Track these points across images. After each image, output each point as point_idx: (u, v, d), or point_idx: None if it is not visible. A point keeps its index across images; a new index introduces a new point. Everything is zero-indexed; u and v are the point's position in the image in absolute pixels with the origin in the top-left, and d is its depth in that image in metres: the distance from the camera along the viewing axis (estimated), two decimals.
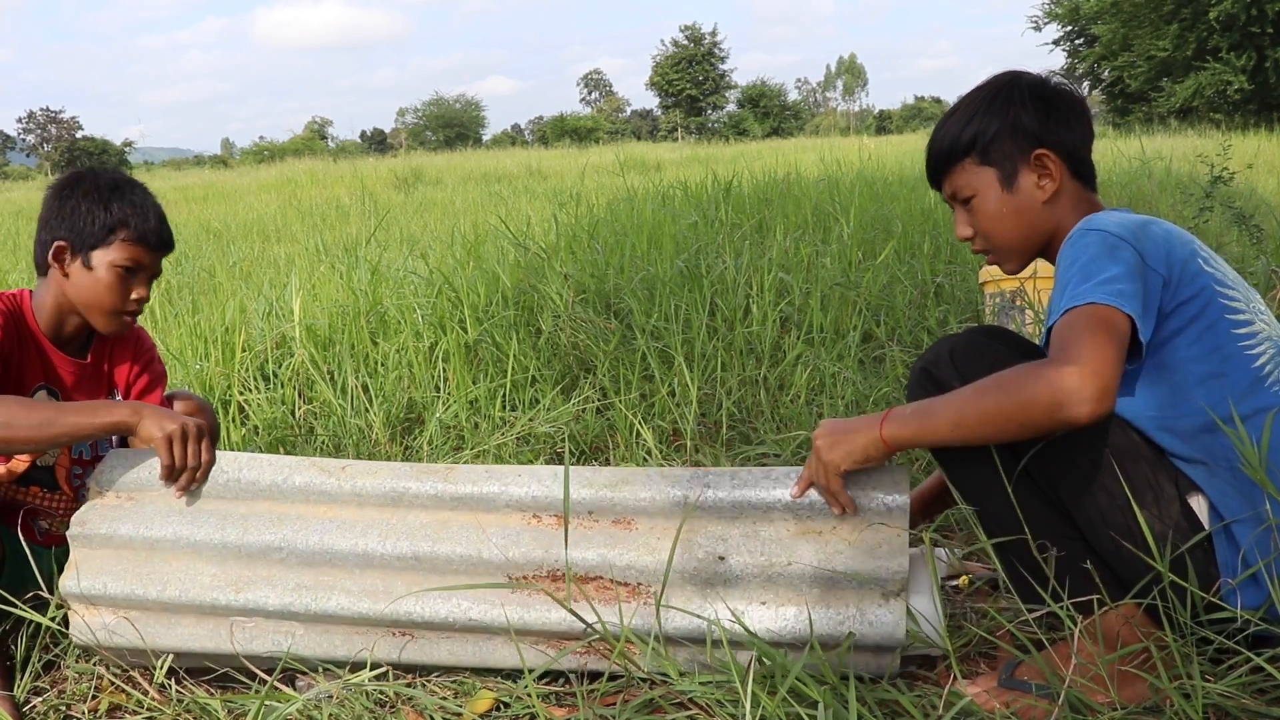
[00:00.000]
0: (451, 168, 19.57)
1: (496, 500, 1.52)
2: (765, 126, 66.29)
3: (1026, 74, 1.53)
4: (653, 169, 15.23)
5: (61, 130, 68.61)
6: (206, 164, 45.80)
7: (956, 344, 1.48)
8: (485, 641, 1.50)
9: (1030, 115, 1.48)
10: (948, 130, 1.54)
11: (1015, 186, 1.50)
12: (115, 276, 1.77)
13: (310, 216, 10.41)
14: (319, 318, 3.49)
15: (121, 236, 1.77)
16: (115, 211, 1.77)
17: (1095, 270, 1.30)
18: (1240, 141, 13.30)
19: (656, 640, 1.39)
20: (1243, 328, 1.35)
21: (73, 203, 1.77)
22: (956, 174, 1.54)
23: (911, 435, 1.35)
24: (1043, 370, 1.23)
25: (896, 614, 1.38)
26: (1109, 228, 1.35)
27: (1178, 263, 1.35)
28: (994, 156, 1.50)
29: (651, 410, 2.83)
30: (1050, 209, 1.49)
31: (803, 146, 20.91)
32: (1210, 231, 4.45)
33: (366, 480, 1.57)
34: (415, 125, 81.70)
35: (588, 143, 47.35)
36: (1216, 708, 1.25)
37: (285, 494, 1.60)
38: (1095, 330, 1.24)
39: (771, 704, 1.19)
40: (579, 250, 4.29)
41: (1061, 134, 1.48)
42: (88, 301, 1.78)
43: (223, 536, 1.57)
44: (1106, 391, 1.21)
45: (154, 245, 1.81)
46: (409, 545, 1.50)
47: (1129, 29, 29.92)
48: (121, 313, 1.81)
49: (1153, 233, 1.37)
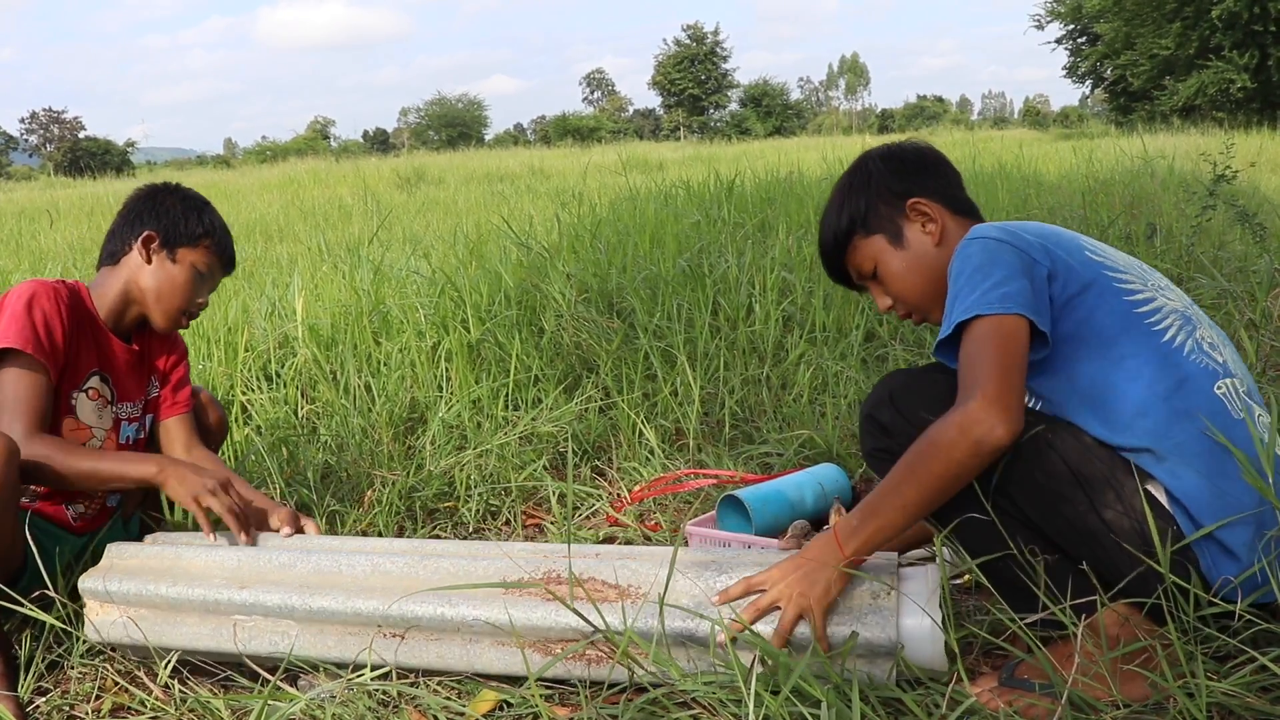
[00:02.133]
0: (454, 167, 19.57)
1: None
2: (768, 125, 66.20)
3: (871, 150, 1.64)
4: (655, 168, 15.21)
5: (64, 130, 68.67)
6: (209, 164, 45.81)
7: (895, 386, 1.52)
8: (475, 644, 1.50)
9: (889, 177, 1.58)
10: (826, 226, 1.63)
11: (904, 240, 1.57)
12: (192, 276, 1.90)
13: (313, 216, 10.41)
14: (322, 317, 3.49)
15: (207, 244, 1.92)
16: (207, 220, 1.93)
17: (980, 278, 1.36)
18: (1243, 140, 13.26)
19: (659, 643, 1.38)
20: (1143, 306, 1.39)
21: (169, 203, 1.91)
22: (852, 255, 1.61)
23: (871, 543, 1.36)
24: (950, 418, 1.29)
25: (892, 673, 1.37)
26: (988, 233, 1.42)
27: (1061, 255, 1.41)
28: (874, 224, 1.58)
29: (654, 409, 2.83)
30: (945, 250, 1.54)
31: (805, 145, 20.89)
32: (1213, 230, 4.44)
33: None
34: (418, 125, 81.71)
35: (590, 142, 47.32)
36: (1220, 706, 1.25)
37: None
38: (985, 349, 1.31)
39: (775, 703, 1.19)
40: (582, 249, 4.29)
41: (922, 182, 1.57)
42: (160, 293, 1.89)
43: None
44: (1011, 408, 1.27)
45: (228, 262, 1.98)
46: None
47: (1131, 27, 29.86)
48: (184, 312, 1.92)
49: (1030, 229, 1.44)
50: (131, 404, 1.94)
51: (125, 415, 1.93)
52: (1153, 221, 4.60)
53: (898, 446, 1.51)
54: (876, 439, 1.54)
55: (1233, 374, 1.39)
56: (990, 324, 1.32)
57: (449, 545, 1.72)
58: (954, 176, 1.62)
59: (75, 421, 1.82)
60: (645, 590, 1.45)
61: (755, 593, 1.40)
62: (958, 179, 1.62)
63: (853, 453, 2.44)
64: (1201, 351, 1.38)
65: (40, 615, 1.55)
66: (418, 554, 1.63)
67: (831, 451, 2.46)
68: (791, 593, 1.37)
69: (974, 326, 1.33)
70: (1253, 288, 3.13)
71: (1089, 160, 8.78)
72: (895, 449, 1.52)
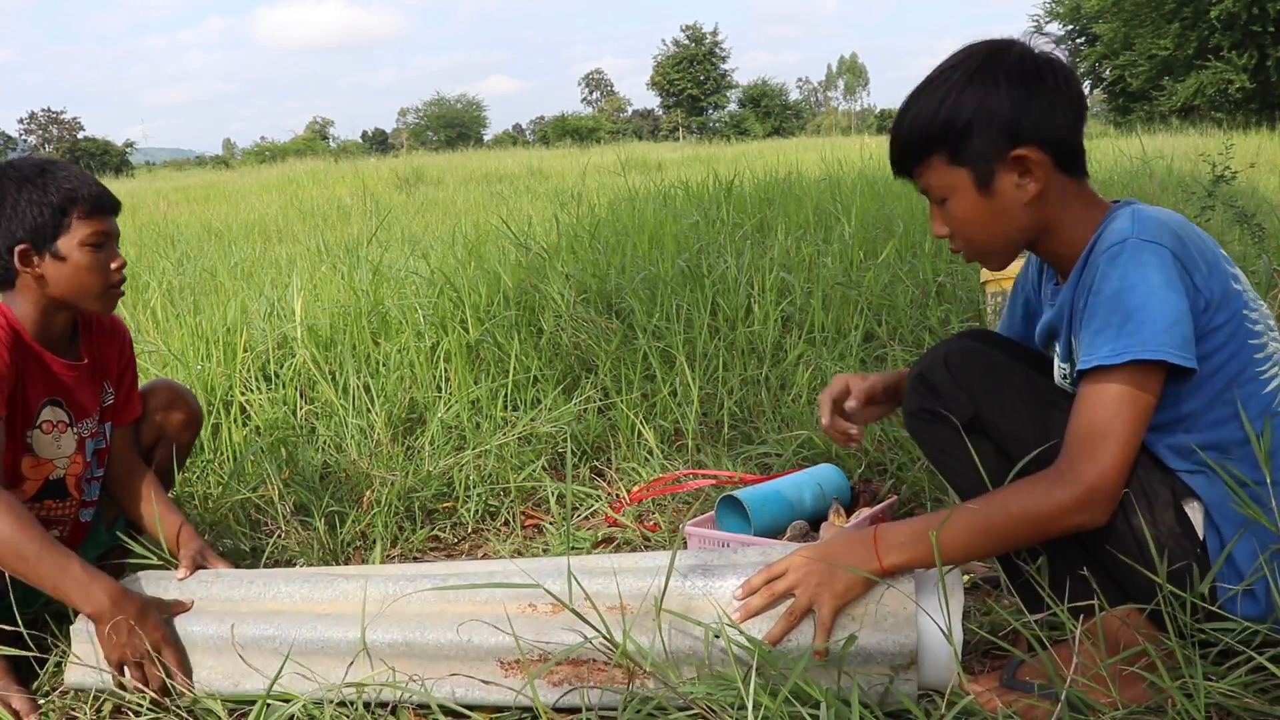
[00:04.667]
0: (453, 168, 19.56)
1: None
2: (766, 126, 66.24)
3: (1008, 47, 1.34)
4: (654, 169, 15.21)
5: (63, 131, 68.68)
6: (208, 164, 45.81)
7: (951, 350, 1.46)
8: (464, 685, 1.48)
9: (1007, 103, 1.31)
10: (916, 115, 1.36)
11: (992, 189, 1.35)
12: (89, 256, 1.70)
13: (312, 217, 10.41)
14: (320, 318, 3.49)
15: (76, 214, 1.69)
16: (55, 196, 1.68)
17: (1161, 306, 1.21)
18: (1242, 140, 13.27)
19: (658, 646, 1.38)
20: (1260, 351, 1.31)
21: (10, 202, 1.68)
22: (927, 171, 1.39)
23: (912, 565, 1.33)
24: (1056, 494, 1.23)
25: (909, 684, 1.34)
26: (1164, 240, 1.24)
27: (1219, 284, 1.27)
28: (966, 156, 1.34)
29: (653, 410, 2.83)
30: (1034, 209, 1.36)
31: (804, 146, 20.88)
32: (1212, 230, 4.44)
33: None
34: (416, 125, 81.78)
35: (589, 143, 47.32)
36: (1219, 707, 1.25)
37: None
38: (1117, 417, 1.22)
39: (774, 705, 1.19)
40: (580, 250, 4.29)
41: (1044, 123, 1.31)
42: (73, 291, 1.72)
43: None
44: (1115, 497, 1.23)
45: (106, 208, 1.74)
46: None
47: (1130, 28, 29.90)
48: (110, 286, 1.75)
49: (1191, 235, 1.29)
50: (90, 419, 1.85)
51: (87, 433, 1.84)
52: None
53: (943, 410, 1.46)
54: (924, 399, 1.48)
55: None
56: (1134, 379, 1.22)
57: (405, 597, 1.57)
58: (1079, 117, 1.36)
59: (34, 459, 1.74)
60: (634, 607, 1.42)
61: (775, 578, 1.37)
62: (1081, 120, 1.37)
63: (851, 453, 2.44)
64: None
65: (14, 652, 1.56)
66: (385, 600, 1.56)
67: (830, 452, 2.46)
68: (810, 582, 1.33)
69: (1112, 382, 1.23)
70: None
71: (1088, 160, 8.77)
72: (939, 413, 1.47)
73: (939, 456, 1.54)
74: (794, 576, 1.35)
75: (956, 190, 1.37)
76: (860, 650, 1.33)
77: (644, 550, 2.22)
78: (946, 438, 1.48)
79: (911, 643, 1.32)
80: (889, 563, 1.31)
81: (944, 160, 1.36)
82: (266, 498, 2.32)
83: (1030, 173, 1.33)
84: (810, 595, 1.33)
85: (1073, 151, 1.36)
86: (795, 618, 1.33)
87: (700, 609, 1.40)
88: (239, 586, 1.66)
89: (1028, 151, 1.32)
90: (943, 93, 1.34)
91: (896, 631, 1.32)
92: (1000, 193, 1.35)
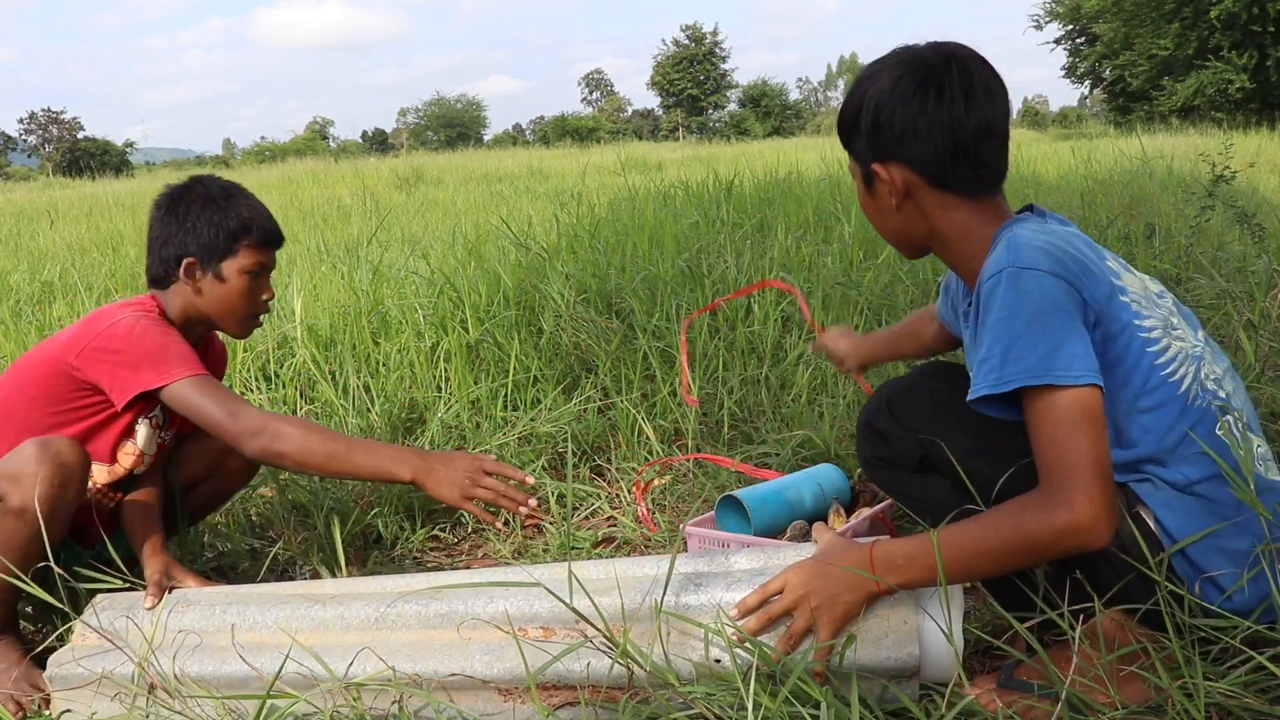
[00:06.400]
0: (453, 168, 19.55)
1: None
2: (766, 126, 66.24)
3: (925, 57, 1.33)
4: (654, 169, 15.20)
5: (63, 131, 68.63)
6: (208, 164, 45.77)
7: (894, 392, 1.48)
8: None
9: (886, 118, 1.34)
10: (848, 101, 1.42)
11: (873, 189, 1.42)
12: (246, 283, 1.82)
13: (311, 216, 10.40)
14: (320, 318, 3.49)
15: (246, 243, 1.81)
16: (234, 221, 1.80)
17: (1042, 332, 1.21)
18: (1242, 140, 13.27)
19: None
20: (1161, 356, 1.30)
21: (192, 217, 1.80)
22: (848, 153, 1.46)
23: (910, 585, 1.29)
24: (1049, 519, 1.18)
25: (910, 690, 1.33)
26: (1041, 265, 1.23)
27: (1104, 299, 1.28)
28: (855, 152, 1.43)
29: (653, 409, 2.82)
30: (908, 217, 1.40)
31: (804, 146, 20.87)
32: (1211, 230, 4.44)
33: None
34: (416, 125, 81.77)
35: (589, 142, 47.32)
36: (1219, 706, 1.25)
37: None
38: (1077, 437, 1.18)
39: (774, 705, 1.19)
40: (580, 250, 4.29)
41: (910, 143, 1.34)
42: (223, 311, 1.83)
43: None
44: (1114, 511, 1.18)
45: (275, 242, 1.87)
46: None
47: (1130, 28, 29.89)
48: (255, 315, 1.88)
49: (1072, 251, 1.28)
50: (173, 429, 1.91)
51: (168, 438, 1.90)
52: (1151, 222, 4.60)
53: (894, 455, 1.51)
54: (874, 447, 1.53)
55: (1235, 408, 1.35)
56: (1073, 400, 1.19)
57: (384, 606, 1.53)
58: (987, 132, 1.35)
59: (133, 446, 1.81)
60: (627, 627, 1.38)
61: (770, 597, 1.33)
62: (991, 134, 1.35)
63: (851, 453, 2.44)
64: (1207, 393, 1.33)
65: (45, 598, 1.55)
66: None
67: (830, 452, 2.46)
68: (808, 605, 1.30)
69: (1052, 399, 1.20)
70: (1251, 288, 3.12)
71: (1088, 161, 8.78)
72: (892, 457, 1.52)
73: (902, 498, 1.59)
74: (791, 598, 1.31)
75: (855, 178, 1.46)
76: (862, 668, 1.31)
77: (643, 553, 2.22)
78: (903, 480, 1.53)
79: (914, 659, 1.30)
80: (886, 584, 1.28)
81: (849, 149, 1.44)
82: (266, 499, 2.32)
83: (891, 184, 1.38)
84: (809, 619, 1.30)
85: (951, 171, 1.35)
86: (794, 641, 1.30)
87: (695, 627, 1.36)
88: (212, 616, 1.58)
89: (882, 169, 1.38)
90: (864, 84, 1.39)
91: (898, 649, 1.31)
92: (878, 195, 1.42)
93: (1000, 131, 1.35)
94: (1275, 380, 2.45)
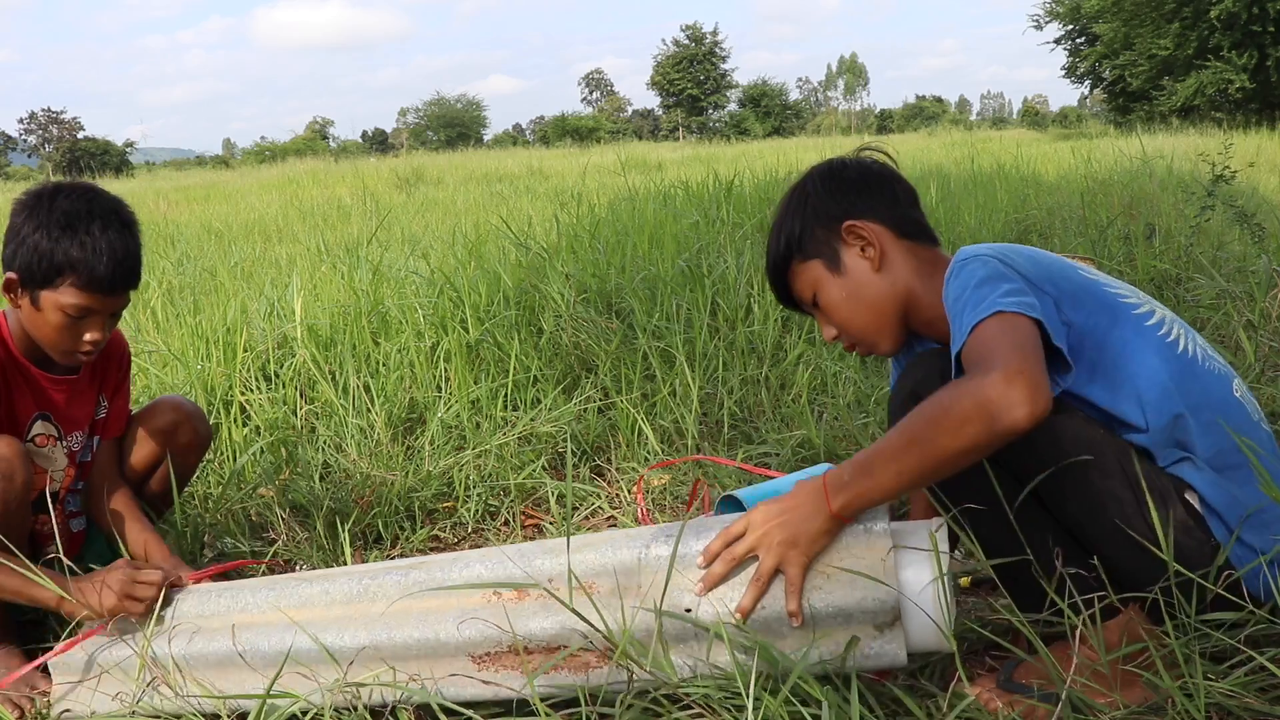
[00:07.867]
0: (453, 167, 19.56)
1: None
2: (766, 126, 66.30)
3: (816, 166, 1.56)
4: (654, 169, 15.21)
5: (63, 131, 68.65)
6: (208, 164, 45.81)
7: (948, 365, 1.42)
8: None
9: (825, 198, 1.51)
10: (769, 249, 1.57)
11: (842, 266, 1.50)
12: (61, 320, 1.63)
13: (311, 216, 10.40)
14: (320, 318, 3.49)
15: (69, 281, 1.61)
16: (61, 254, 1.59)
17: (989, 289, 1.28)
18: (1242, 140, 13.29)
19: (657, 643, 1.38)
20: (1148, 319, 1.36)
21: (25, 231, 1.62)
22: (793, 281, 1.55)
23: (859, 502, 1.26)
24: (964, 388, 1.17)
25: (895, 643, 1.28)
26: (985, 252, 1.35)
27: (1059, 278, 1.35)
28: (811, 249, 1.52)
29: (653, 409, 2.82)
30: (887, 277, 1.49)
31: (804, 146, 20.88)
32: (1211, 230, 4.44)
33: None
34: (417, 125, 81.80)
35: (589, 142, 47.34)
36: (1219, 707, 1.25)
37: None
38: (1006, 334, 1.21)
39: (774, 703, 1.19)
40: (580, 250, 4.29)
41: (863, 202, 1.49)
42: (38, 338, 1.68)
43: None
44: (1038, 388, 1.14)
45: (105, 290, 1.63)
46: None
47: (1130, 28, 29.90)
48: (71, 352, 1.68)
49: (1023, 254, 1.37)
50: (80, 432, 1.84)
51: (76, 445, 1.84)
52: (1151, 222, 4.60)
53: None
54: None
55: (1236, 374, 1.39)
56: (1009, 318, 1.23)
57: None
58: (904, 194, 1.53)
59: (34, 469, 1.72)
60: (601, 586, 1.37)
61: (733, 540, 1.30)
62: (910, 197, 1.53)
63: (850, 453, 2.44)
64: (1210, 356, 1.38)
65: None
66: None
67: (830, 452, 2.46)
68: (771, 541, 1.27)
69: (989, 321, 1.23)
70: (1251, 288, 3.13)
71: (1088, 161, 8.79)
72: None
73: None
74: (754, 537, 1.28)
75: (819, 281, 1.53)
76: (839, 610, 1.27)
77: None
78: None
79: (892, 598, 1.26)
80: (836, 505, 1.25)
81: (800, 262, 1.54)
82: (266, 500, 2.33)
83: (866, 240, 1.49)
84: (776, 556, 1.27)
85: (908, 221, 1.51)
86: (764, 582, 1.27)
87: (663, 581, 1.32)
88: (208, 602, 1.62)
89: (854, 223, 1.49)
90: (779, 223, 1.56)
91: (874, 587, 1.26)
92: (850, 268, 1.50)
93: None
94: (1275, 380, 2.45)
